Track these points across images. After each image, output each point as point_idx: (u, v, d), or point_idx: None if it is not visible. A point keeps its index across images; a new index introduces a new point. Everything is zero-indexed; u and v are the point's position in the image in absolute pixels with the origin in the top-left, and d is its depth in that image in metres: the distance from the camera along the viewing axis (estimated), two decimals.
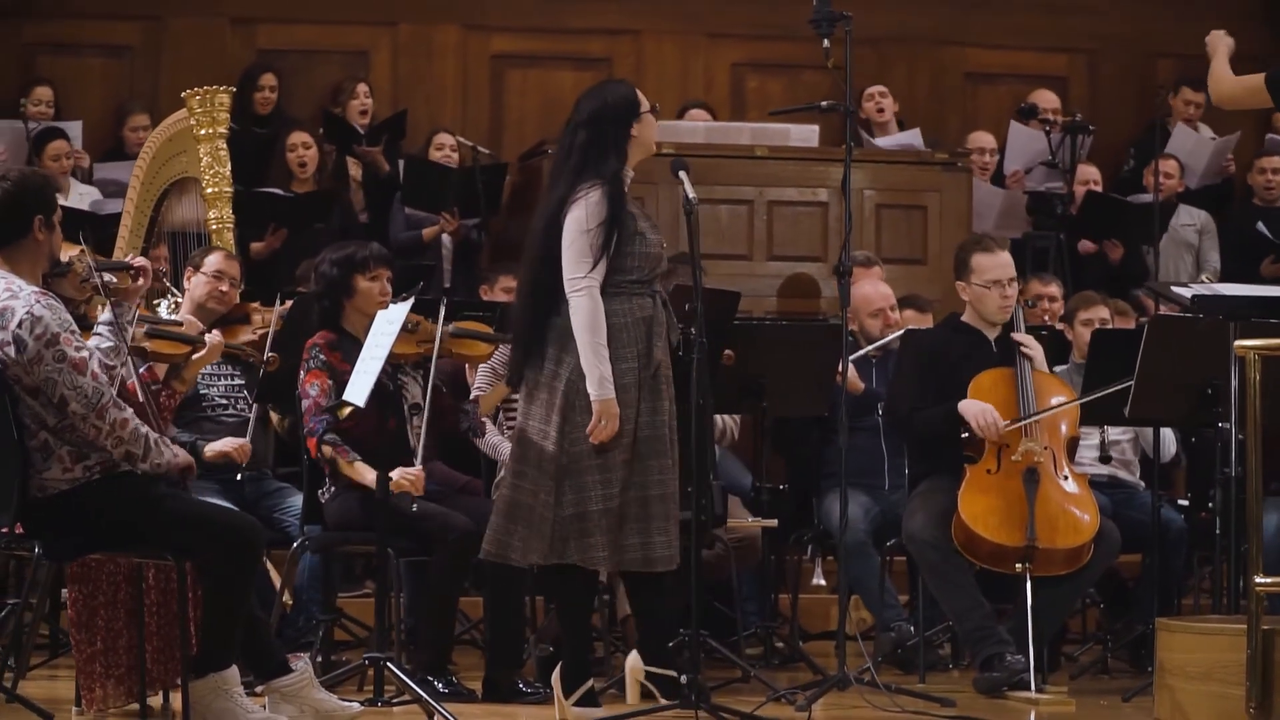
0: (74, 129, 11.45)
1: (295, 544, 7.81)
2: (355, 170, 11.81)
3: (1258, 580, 6.26)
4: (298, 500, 7.91)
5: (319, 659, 7.56)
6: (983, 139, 12.16)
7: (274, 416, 8.47)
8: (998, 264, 8.13)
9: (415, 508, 7.26)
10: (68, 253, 6.57)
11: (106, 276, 6.61)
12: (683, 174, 6.87)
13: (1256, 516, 6.46)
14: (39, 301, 6.18)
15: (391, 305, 7.27)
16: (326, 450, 7.40)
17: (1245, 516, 6.53)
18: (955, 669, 8.51)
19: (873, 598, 8.52)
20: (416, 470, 7.40)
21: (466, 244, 11.42)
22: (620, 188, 6.84)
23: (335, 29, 12.52)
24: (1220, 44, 7.78)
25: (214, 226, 9.38)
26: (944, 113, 12.33)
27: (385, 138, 11.99)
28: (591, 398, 6.69)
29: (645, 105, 7.00)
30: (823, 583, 9.10)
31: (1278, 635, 6.21)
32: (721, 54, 12.72)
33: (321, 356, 7.50)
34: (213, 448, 7.93)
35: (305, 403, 7.49)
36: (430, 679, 7.19)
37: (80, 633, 6.71)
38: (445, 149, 11.78)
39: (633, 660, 6.84)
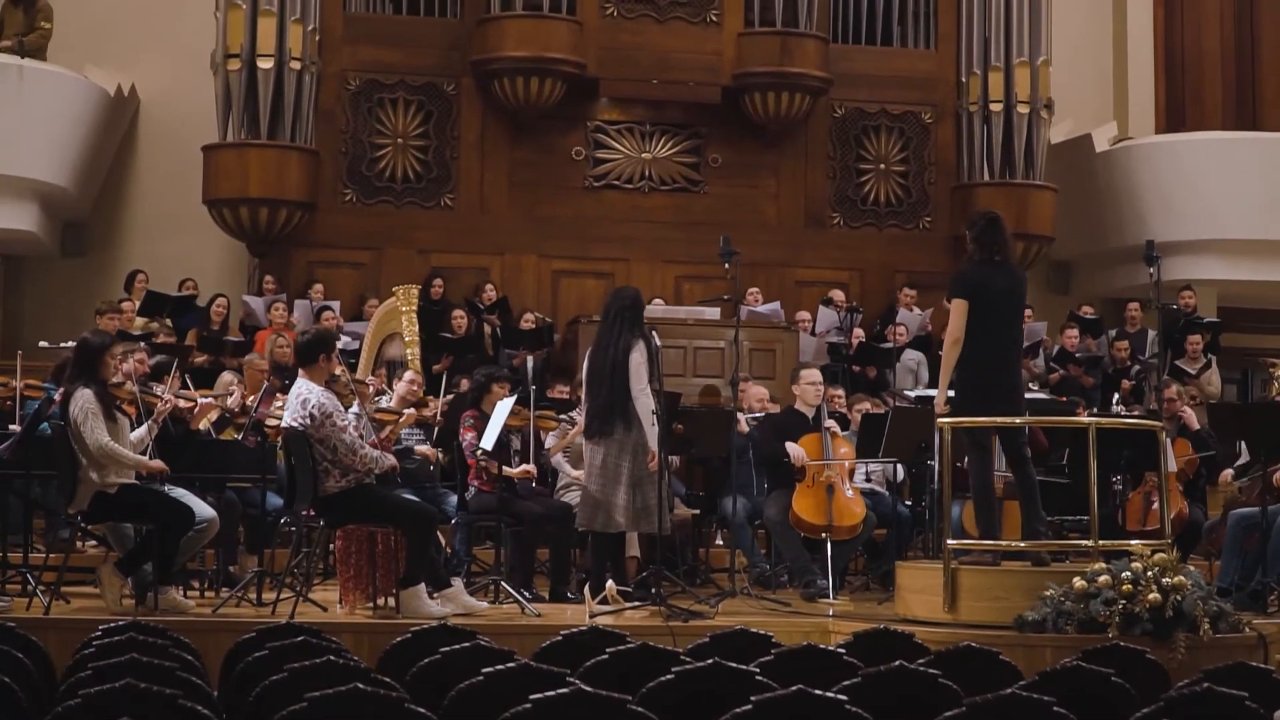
0: (335, 306, 11.49)
1: (453, 520, 7.84)
2: (486, 328, 11.82)
3: (949, 541, 6.36)
4: (454, 497, 7.92)
5: (465, 580, 7.56)
6: (805, 314, 12.19)
7: (440, 455, 8.50)
8: (812, 376, 8.22)
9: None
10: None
11: (353, 386, 6.76)
12: (653, 332, 7.02)
13: (948, 509, 6.55)
14: (323, 395, 6.30)
15: (503, 400, 7.35)
16: (480, 460, 7.42)
17: (943, 509, 6.60)
18: (792, 588, 8.49)
19: (747, 552, 8.51)
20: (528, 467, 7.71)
21: (540, 366, 11.44)
22: (648, 339, 7.00)
23: (471, 255, 12.48)
24: None
25: (409, 356, 9.46)
26: (786, 301, 12.36)
27: (498, 311, 12.04)
28: (653, 448, 6.85)
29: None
30: (722, 544, 9.05)
31: (959, 570, 6.32)
32: (671, 271, 12.74)
33: (471, 422, 7.52)
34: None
35: (467, 438, 7.44)
36: (521, 590, 7.20)
37: (342, 565, 6.79)
38: (530, 319, 11.79)
39: (611, 585, 6.90)
